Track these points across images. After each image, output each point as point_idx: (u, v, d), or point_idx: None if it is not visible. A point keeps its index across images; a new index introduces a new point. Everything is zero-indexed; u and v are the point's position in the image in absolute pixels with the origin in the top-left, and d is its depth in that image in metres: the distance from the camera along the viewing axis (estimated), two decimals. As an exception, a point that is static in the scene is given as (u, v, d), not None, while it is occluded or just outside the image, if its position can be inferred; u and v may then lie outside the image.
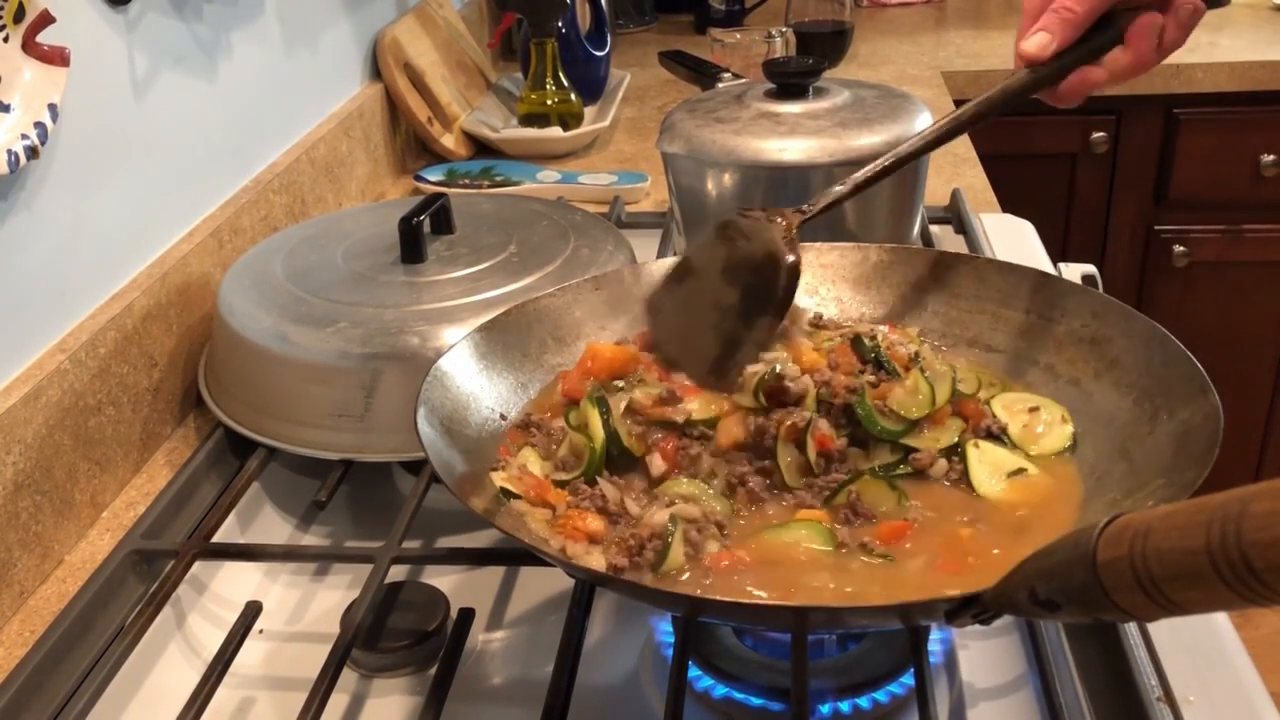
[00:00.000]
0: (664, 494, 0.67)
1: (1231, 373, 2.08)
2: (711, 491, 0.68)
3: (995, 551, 0.64)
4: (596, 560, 0.63)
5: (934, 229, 1.26)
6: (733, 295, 0.78)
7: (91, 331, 0.89)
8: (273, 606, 0.81)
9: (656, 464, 0.69)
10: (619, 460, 0.70)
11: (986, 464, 0.69)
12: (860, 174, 0.80)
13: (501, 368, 0.77)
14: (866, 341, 0.74)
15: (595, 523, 0.65)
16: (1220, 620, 0.73)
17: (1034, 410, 0.74)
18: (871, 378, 0.72)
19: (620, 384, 0.75)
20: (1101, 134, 1.99)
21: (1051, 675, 0.67)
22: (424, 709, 0.67)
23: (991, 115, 0.79)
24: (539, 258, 0.97)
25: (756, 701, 0.69)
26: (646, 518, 0.65)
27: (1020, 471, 0.69)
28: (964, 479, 0.69)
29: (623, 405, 0.72)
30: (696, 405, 0.72)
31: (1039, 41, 0.77)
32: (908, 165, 0.81)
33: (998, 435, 0.72)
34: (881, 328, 0.80)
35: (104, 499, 0.91)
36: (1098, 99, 1.91)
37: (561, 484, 0.69)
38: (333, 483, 0.85)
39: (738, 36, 1.80)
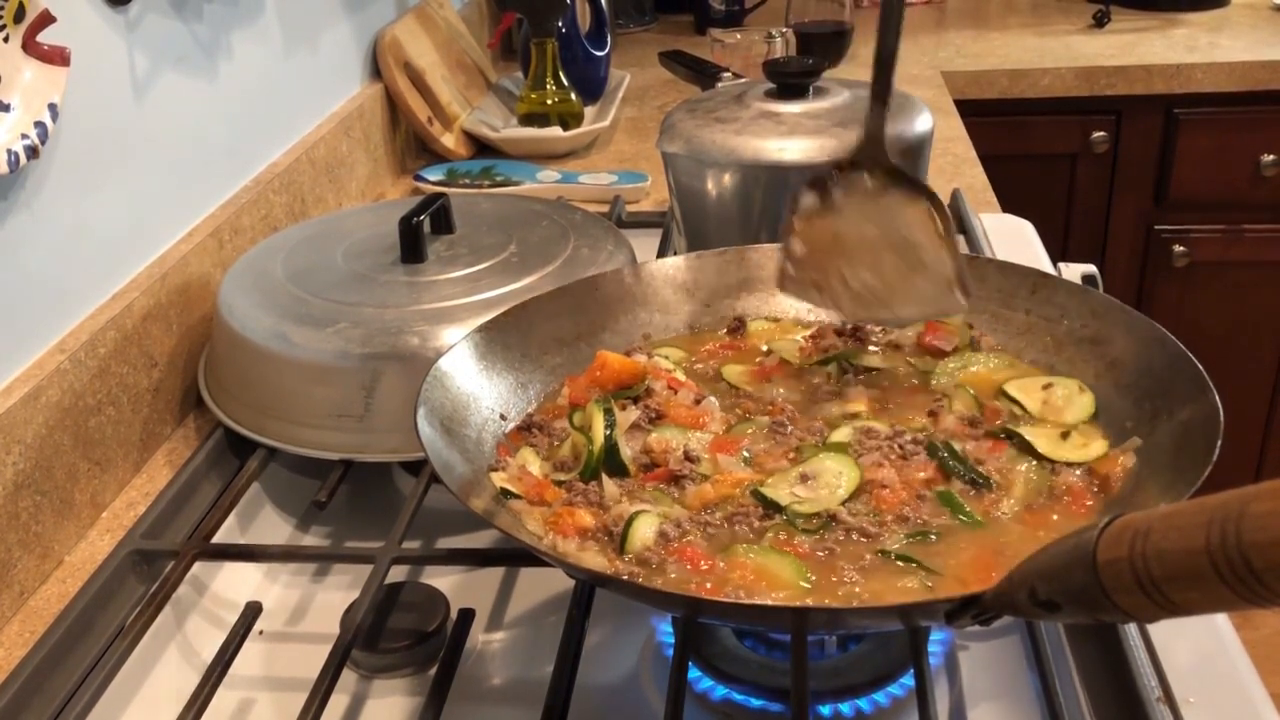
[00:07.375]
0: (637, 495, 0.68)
1: (1231, 373, 2.08)
2: (667, 497, 0.68)
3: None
4: (594, 560, 0.63)
5: (934, 229, 1.26)
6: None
7: (91, 331, 0.89)
8: (273, 607, 0.81)
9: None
10: (614, 470, 0.70)
11: (1040, 437, 0.69)
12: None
13: (501, 368, 0.77)
14: (945, 455, 0.68)
15: (586, 518, 0.65)
16: (1220, 620, 0.73)
17: (1048, 387, 0.74)
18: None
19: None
20: (1101, 134, 1.99)
21: (1051, 676, 0.67)
22: (424, 709, 0.67)
23: None
24: (539, 258, 0.96)
25: (756, 702, 0.69)
26: (620, 508, 0.66)
27: (1068, 434, 0.69)
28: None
29: (628, 422, 0.72)
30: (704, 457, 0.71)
31: None
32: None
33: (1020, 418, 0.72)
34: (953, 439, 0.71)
35: (104, 499, 0.91)
36: (1098, 99, 1.94)
37: (560, 484, 0.70)
38: (333, 483, 0.85)
39: (738, 37, 1.80)
